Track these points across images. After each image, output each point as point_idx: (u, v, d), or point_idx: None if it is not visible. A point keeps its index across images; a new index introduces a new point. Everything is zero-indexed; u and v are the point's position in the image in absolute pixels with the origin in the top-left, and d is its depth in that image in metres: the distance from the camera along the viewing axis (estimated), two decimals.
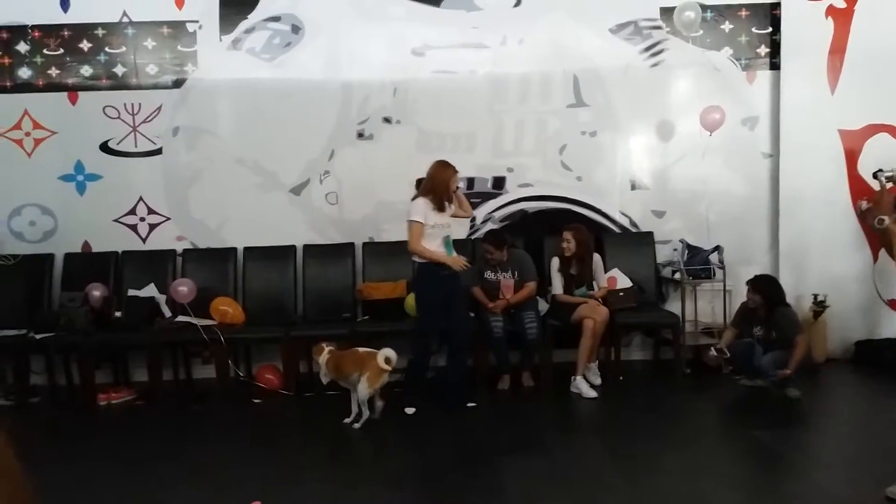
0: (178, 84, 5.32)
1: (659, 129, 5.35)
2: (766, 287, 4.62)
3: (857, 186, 5.18)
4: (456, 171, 4.39)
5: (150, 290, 5.12)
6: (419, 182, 4.47)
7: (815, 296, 5.08)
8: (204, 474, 3.62)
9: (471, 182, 5.37)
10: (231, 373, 4.98)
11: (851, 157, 5.23)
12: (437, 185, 4.32)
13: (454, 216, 4.52)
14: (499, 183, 5.40)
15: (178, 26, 5.29)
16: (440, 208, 4.33)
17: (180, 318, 4.97)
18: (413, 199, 4.39)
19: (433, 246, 4.30)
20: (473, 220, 5.40)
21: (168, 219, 5.39)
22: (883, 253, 5.00)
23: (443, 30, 5.27)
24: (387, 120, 5.34)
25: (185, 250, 5.33)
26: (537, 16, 5.27)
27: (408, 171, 5.30)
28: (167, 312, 5.08)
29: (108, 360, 5.16)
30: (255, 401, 4.76)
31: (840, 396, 4.78)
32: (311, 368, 5.22)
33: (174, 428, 4.38)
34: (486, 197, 5.40)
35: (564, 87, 5.32)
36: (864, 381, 4.91)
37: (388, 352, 4.19)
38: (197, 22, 5.28)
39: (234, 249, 5.30)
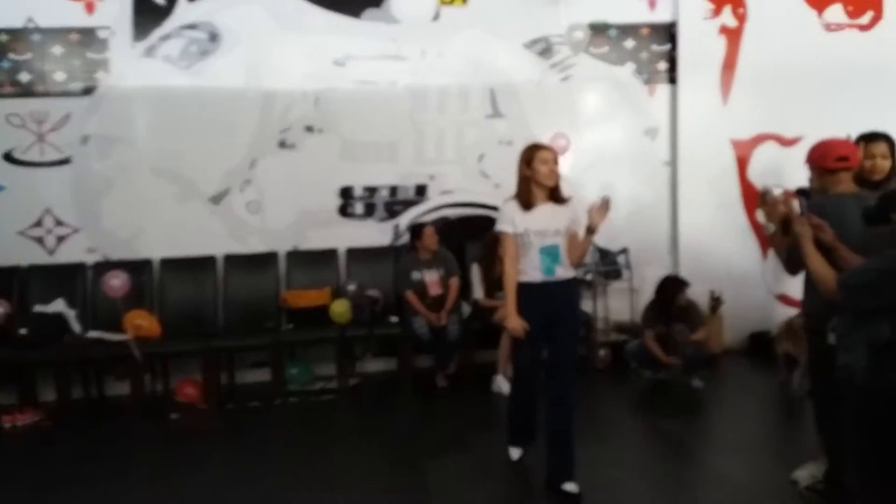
0: (88, 91, 4.80)
1: (570, 138, 5.26)
2: (687, 285, 4.69)
3: (748, 191, 5.26)
4: (542, 148, 3.10)
5: (59, 306, 4.54)
6: None
7: (712, 292, 5.11)
8: (118, 498, 3.21)
9: (394, 190, 5.13)
10: (147, 388, 4.49)
11: (742, 164, 5.30)
12: (519, 173, 3.10)
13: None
14: (421, 190, 5.17)
15: (88, 33, 4.78)
16: (526, 205, 3.05)
17: (91, 334, 4.46)
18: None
19: (525, 260, 3.03)
20: (397, 227, 5.15)
21: (78, 230, 4.83)
22: (772, 251, 5.10)
23: (363, 41, 4.99)
24: (309, 129, 5.00)
25: (97, 263, 4.78)
26: (455, 30, 5.08)
27: (332, 180, 5.08)
28: (77, 328, 4.54)
29: (12, 380, 4.54)
30: (173, 416, 4.31)
31: (737, 385, 4.80)
32: (232, 380, 4.83)
33: (85, 449, 3.87)
34: (409, 204, 5.15)
35: (482, 99, 5.16)
36: (758, 370, 4.95)
37: None
38: (109, 28, 4.79)
39: (149, 261, 4.81)
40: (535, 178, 3.01)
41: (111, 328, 4.41)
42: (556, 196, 3.07)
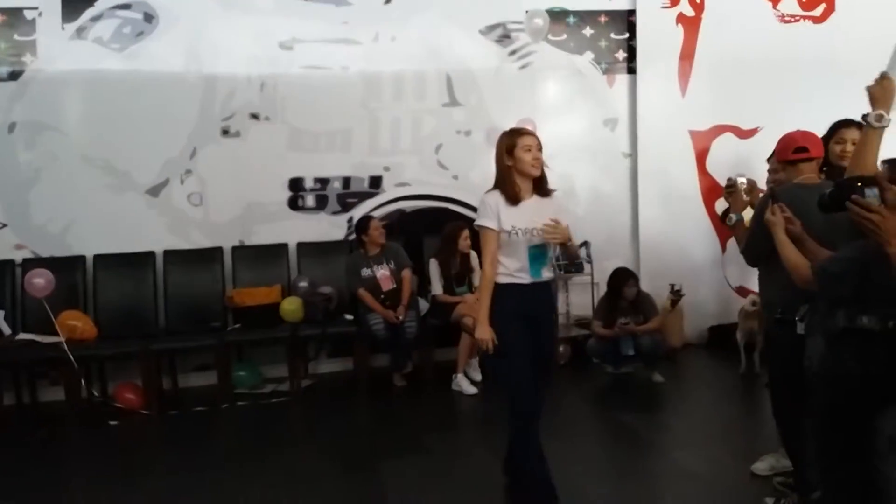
0: (14, 76, 4.52)
1: (535, 124, 5.19)
2: (636, 276, 4.71)
3: (707, 183, 5.30)
4: (524, 133, 2.74)
5: None
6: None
7: (672, 285, 5.12)
8: None
9: (347, 181, 4.98)
10: (83, 393, 4.25)
11: (701, 156, 5.33)
12: (499, 163, 2.75)
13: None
14: (375, 182, 5.03)
15: (14, 13, 4.50)
16: (512, 199, 2.71)
17: (21, 336, 4.21)
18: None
19: (513, 260, 2.69)
20: (351, 220, 5.02)
21: (4, 225, 4.55)
22: (730, 244, 5.18)
23: (312, 24, 4.82)
24: (254, 116, 4.81)
25: (25, 260, 4.50)
26: (409, 14, 4.95)
27: (280, 170, 4.88)
28: (6, 330, 4.29)
29: None
30: (112, 423, 4.09)
31: (697, 379, 4.83)
32: (175, 384, 4.64)
33: (17, 459, 3.65)
34: (363, 196, 5.01)
35: (438, 86, 5.05)
36: (718, 363, 4.99)
37: None
38: (36, 9, 4.52)
39: (82, 257, 4.55)
40: (519, 168, 2.68)
41: (43, 330, 4.15)
42: (541, 187, 2.75)
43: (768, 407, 2.83)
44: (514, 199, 2.68)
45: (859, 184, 1.91)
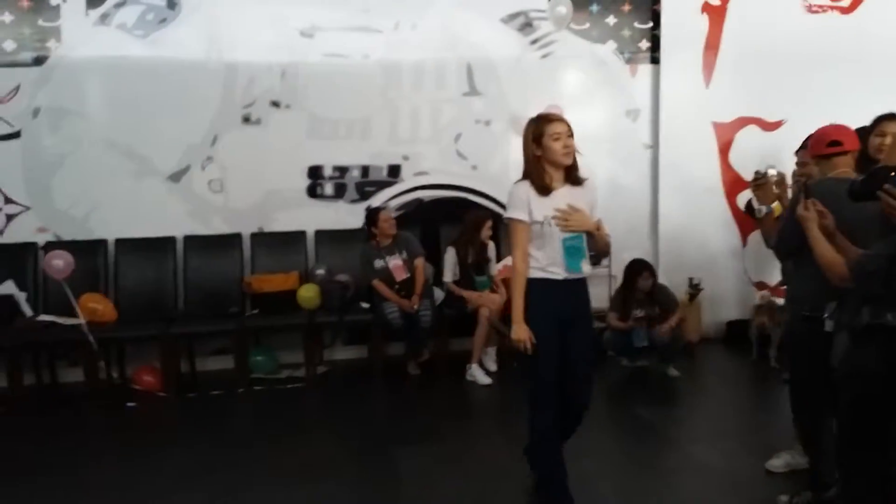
0: (39, 61, 4.58)
1: (562, 110, 5.17)
2: (652, 268, 4.68)
3: (730, 175, 5.23)
4: (552, 120, 2.57)
5: (8, 288, 4.39)
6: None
7: (691, 279, 5.07)
8: (71, 490, 3.09)
9: (365, 170, 4.99)
10: (102, 375, 4.33)
11: (724, 148, 5.26)
12: (526, 153, 2.61)
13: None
14: (394, 171, 5.04)
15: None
16: (543, 190, 2.57)
17: (43, 318, 4.30)
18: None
19: (545, 253, 2.57)
20: (369, 209, 5.01)
21: (28, 208, 4.64)
22: (751, 238, 5.12)
23: (332, 12, 4.82)
24: (275, 104, 4.83)
25: (48, 243, 4.58)
26: (429, 2, 4.94)
27: (299, 158, 4.92)
28: (27, 311, 4.39)
29: None
30: (130, 404, 4.17)
31: (714, 374, 4.80)
32: (193, 367, 4.70)
33: (37, 439, 3.73)
34: (382, 185, 5.02)
35: (458, 76, 5.03)
36: (735, 358, 4.95)
37: None
38: None
39: (103, 241, 4.63)
40: (549, 158, 2.53)
41: (64, 312, 4.24)
42: (572, 176, 2.59)
43: (785, 403, 2.80)
44: (544, 189, 2.54)
45: (893, 173, 1.87)
